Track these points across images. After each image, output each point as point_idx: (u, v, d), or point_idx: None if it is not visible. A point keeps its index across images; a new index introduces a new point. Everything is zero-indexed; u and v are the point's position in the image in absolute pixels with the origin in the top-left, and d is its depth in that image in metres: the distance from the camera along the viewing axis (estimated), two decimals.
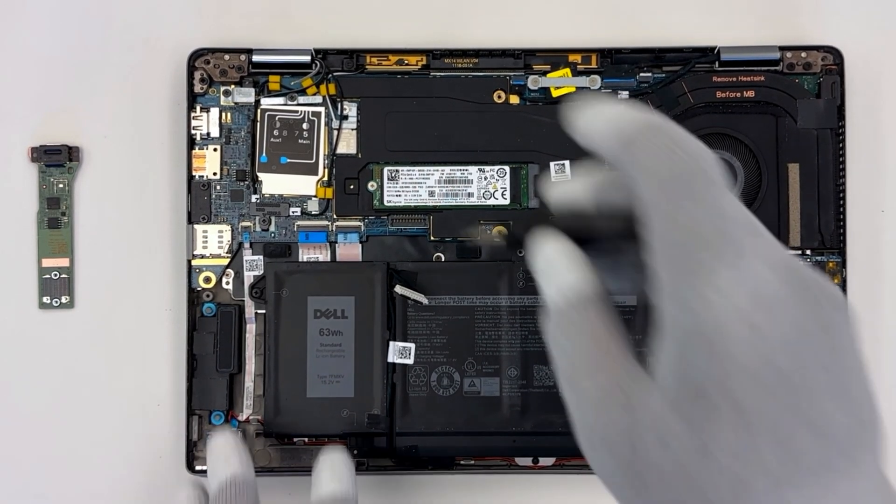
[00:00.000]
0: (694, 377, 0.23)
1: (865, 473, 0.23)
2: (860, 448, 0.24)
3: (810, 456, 0.23)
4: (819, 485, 0.23)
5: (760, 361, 0.23)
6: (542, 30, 0.44)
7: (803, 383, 0.23)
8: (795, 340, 0.23)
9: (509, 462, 0.42)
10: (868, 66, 0.44)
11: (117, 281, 0.43)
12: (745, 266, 0.23)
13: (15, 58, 0.44)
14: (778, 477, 0.22)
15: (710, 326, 0.23)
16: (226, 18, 0.44)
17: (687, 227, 0.23)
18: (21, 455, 0.43)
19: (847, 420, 0.24)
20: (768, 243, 0.24)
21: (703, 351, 0.23)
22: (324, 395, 0.41)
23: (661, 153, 0.25)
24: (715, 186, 0.24)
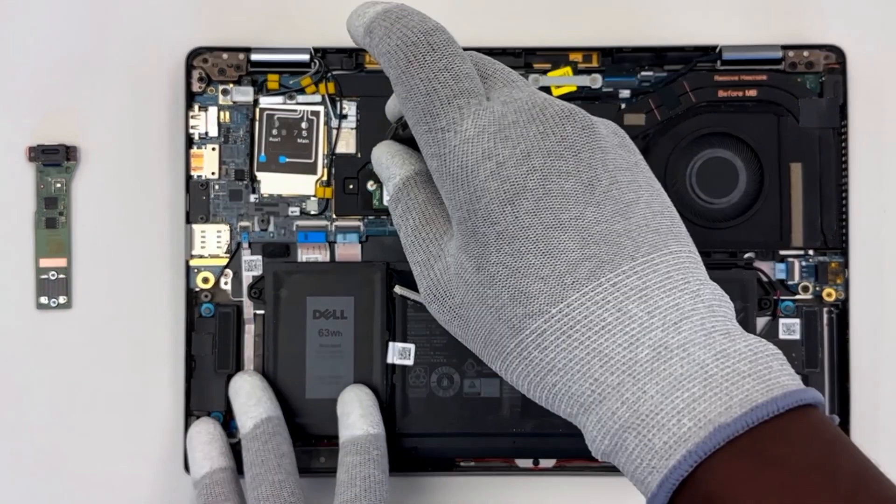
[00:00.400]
0: (462, 217, 0.27)
1: (641, 268, 0.26)
2: (633, 247, 0.26)
3: (572, 255, 0.26)
4: (593, 281, 0.26)
5: (503, 182, 0.26)
6: (543, 28, 0.44)
7: (549, 191, 0.26)
8: (529, 154, 0.27)
9: (509, 463, 0.42)
10: (871, 66, 0.44)
11: (115, 281, 0.43)
12: (482, 110, 0.27)
13: (12, 57, 0.44)
14: (552, 282, 0.26)
15: (456, 165, 0.27)
16: (224, 17, 0.44)
17: (420, 90, 0.28)
18: (18, 456, 0.43)
19: (607, 221, 0.26)
20: (514, 89, 0.29)
21: (459, 190, 0.27)
22: (323, 395, 0.41)
23: (386, 31, 0.29)
24: (437, 51, 0.28)
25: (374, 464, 0.39)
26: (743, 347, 0.25)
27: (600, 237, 0.26)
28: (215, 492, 0.39)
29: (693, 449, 0.23)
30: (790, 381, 0.25)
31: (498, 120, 0.28)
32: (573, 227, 0.26)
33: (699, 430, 0.23)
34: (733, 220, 0.42)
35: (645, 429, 0.24)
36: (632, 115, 0.42)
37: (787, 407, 0.24)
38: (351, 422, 0.40)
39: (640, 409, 0.24)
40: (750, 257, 0.42)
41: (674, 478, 0.24)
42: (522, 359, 0.27)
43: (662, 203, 0.28)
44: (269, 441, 0.39)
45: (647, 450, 0.24)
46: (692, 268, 0.27)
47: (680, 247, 0.27)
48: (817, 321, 0.42)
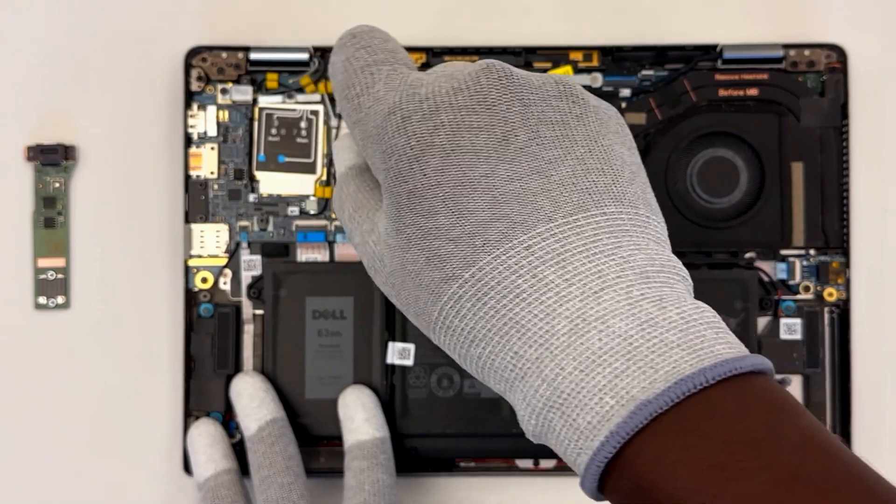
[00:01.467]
0: (381, 180, 0.27)
1: (560, 230, 0.24)
2: (552, 207, 0.24)
3: (482, 215, 0.24)
4: (505, 244, 0.24)
5: (409, 137, 0.25)
6: (543, 27, 0.44)
7: (457, 147, 0.25)
8: (438, 109, 0.26)
9: (510, 464, 0.42)
10: (872, 65, 0.43)
11: (114, 281, 0.43)
12: (395, 73, 0.27)
13: (10, 56, 0.43)
14: (463, 244, 0.24)
15: (371, 126, 0.27)
16: (223, 16, 0.44)
17: (339, 68, 0.29)
18: (16, 457, 0.43)
19: (521, 179, 0.25)
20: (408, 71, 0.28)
21: (375, 151, 0.27)
22: (323, 396, 0.41)
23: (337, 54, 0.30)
24: (357, 37, 0.29)
25: (382, 468, 0.39)
26: (674, 315, 0.23)
27: (513, 196, 0.24)
28: (221, 494, 0.39)
29: (615, 429, 0.22)
30: (725, 349, 0.23)
31: (412, 81, 0.27)
32: (483, 184, 0.24)
33: (621, 407, 0.22)
34: (734, 220, 0.42)
35: (568, 408, 0.23)
36: (632, 115, 0.42)
37: (718, 377, 0.22)
38: (355, 426, 0.39)
39: (560, 386, 0.23)
40: (751, 257, 0.42)
41: (598, 460, 0.22)
42: (446, 328, 0.25)
43: (606, 161, 0.26)
44: (276, 443, 0.39)
45: (572, 430, 0.23)
46: (632, 231, 0.25)
47: (619, 208, 0.25)
48: (818, 321, 0.42)
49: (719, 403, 0.22)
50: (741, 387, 0.22)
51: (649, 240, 0.25)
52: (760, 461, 0.20)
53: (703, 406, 0.21)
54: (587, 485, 0.23)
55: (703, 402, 0.22)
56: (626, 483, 0.22)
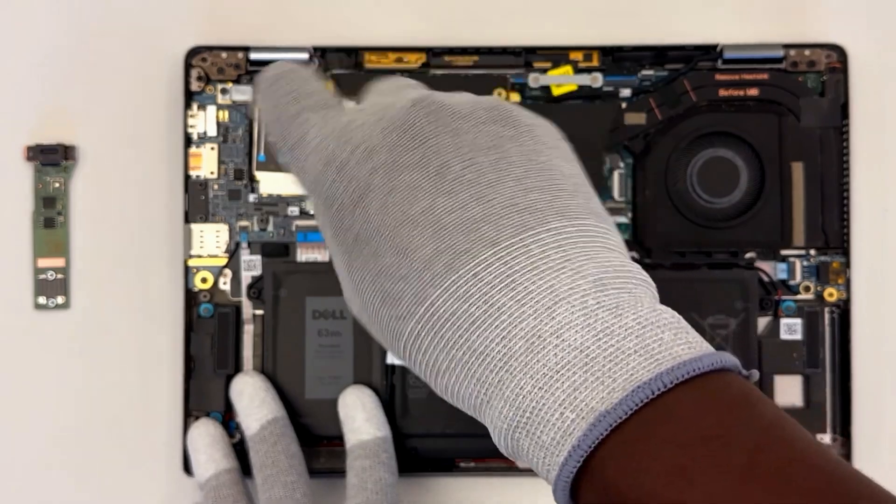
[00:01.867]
0: (330, 233, 0.27)
1: (505, 253, 0.24)
2: (494, 232, 0.24)
3: (427, 250, 0.24)
4: (452, 275, 0.24)
5: (348, 184, 0.26)
6: (543, 27, 0.44)
7: (395, 187, 0.25)
8: (372, 152, 0.26)
9: (510, 464, 0.42)
10: (872, 65, 0.43)
11: (113, 281, 0.43)
12: (328, 120, 0.28)
13: (10, 56, 0.43)
14: (412, 281, 0.24)
15: (310, 180, 0.27)
16: (223, 16, 0.44)
17: (271, 117, 0.29)
18: (16, 457, 0.43)
19: (462, 209, 0.25)
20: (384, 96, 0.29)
21: (318, 203, 0.27)
22: (323, 396, 0.41)
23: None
24: (282, 79, 0.29)
25: (384, 467, 0.39)
26: (630, 321, 0.23)
27: (454, 227, 0.24)
28: (223, 493, 0.39)
29: (577, 443, 0.22)
30: (684, 350, 0.22)
31: (343, 126, 0.27)
32: (423, 220, 0.25)
33: (581, 420, 0.22)
34: (734, 220, 0.42)
35: (532, 426, 0.23)
36: (632, 115, 0.42)
37: (676, 380, 0.21)
38: (357, 426, 0.39)
39: (522, 405, 0.23)
40: (751, 257, 0.42)
41: (565, 475, 0.22)
42: (415, 364, 0.26)
43: (545, 178, 0.26)
44: (278, 442, 0.39)
45: (538, 447, 0.23)
46: (581, 243, 0.25)
47: (564, 223, 0.25)
48: (819, 321, 0.42)
49: (677, 406, 0.21)
50: (701, 386, 0.22)
51: (601, 248, 0.25)
52: (717, 460, 0.20)
53: (661, 411, 0.21)
54: (559, 499, 0.23)
55: (661, 407, 0.21)
56: (596, 495, 0.22)
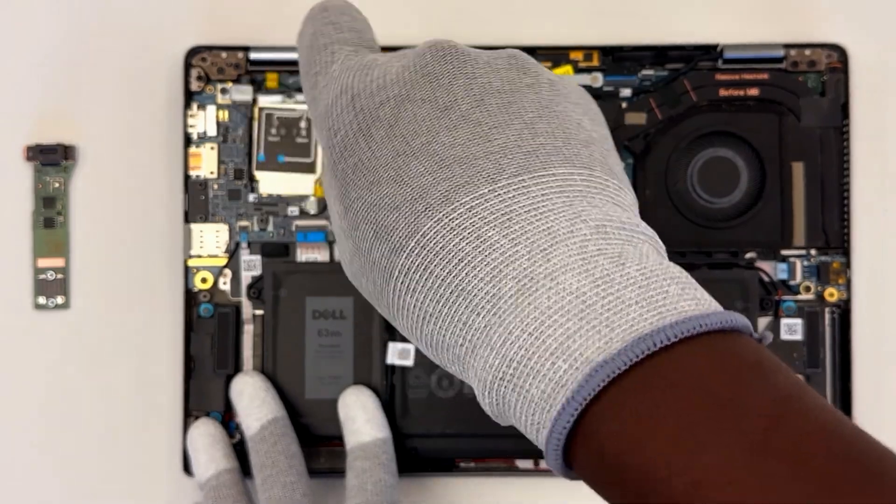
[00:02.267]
0: (328, 159, 0.26)
1: (504, 191, 0.23)
2: (495, 169, 0.24)
3: (424, 180, 0.24)
4: (447, 206, 0.23)
5: (357, 113, 0.25)
6: (543, 27, 0.44)
7: (400, 118, 0.25)
8: (385, 86, 0.26)
9: (510, 464, 0.42)
10: (873, 65, 0.43)
11: (113, 281, 0.43)
12: (354, 55, 0.28)
13: (9, 56, 0.43)
14: (405, 210, 0.24)
15: (322, 105, 0.27)
16: (223, 15, 0.44)
17: (305, 43, 0.29)
18: (16, 457, 0.43)
19: (464, 144, 0.24)
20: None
21: (323, 129, 0.27)
22: (323, 396, 0.41)
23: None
24: (327, 10, 0.29)
25: (384, 468, 0.39)
26: (633, 271, 0.21)
27: (454, 160, 0.24)
28: (223, 494, 0.39)
29: (571, 396, 0.20)
30: (691, 306, 0.21)
31: (366, 62, 0.27)
32: (424, 151, 0.24)
33: (575, 371, 0.20)
34: (734, 220, 0.42)
35: (519, 378, 0.21)
36: (633, 115, 0.42)
37: (681, 335, 0.20)
38: (357, 427, 0.39)
39: (509, 354, 0.21)
40: (751, 257, 0.42)
41: (558, 432, 0.20)
42: (400, 309, 0.24)
43: (557, 125, 0.25)
44: (278, 442, 0.39)
45: (526, 402, 0.21)
46: (587, 192, 0.23)
47: (570, 169, 0.24)
48: (819, 321, 0.42)
49: (684, 364, 0.20)
50: (710, 345, 0.20)
51: (607, 201, 0.24)
52: (730, 426, 0.19)
53: (666, 367, 0.20)
54: (552, 462, 0.22)
55: (667, 362, 0.20)
56: (591, 457, 0.21)
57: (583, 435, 0.20)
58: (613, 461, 0.20)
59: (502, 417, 0.23)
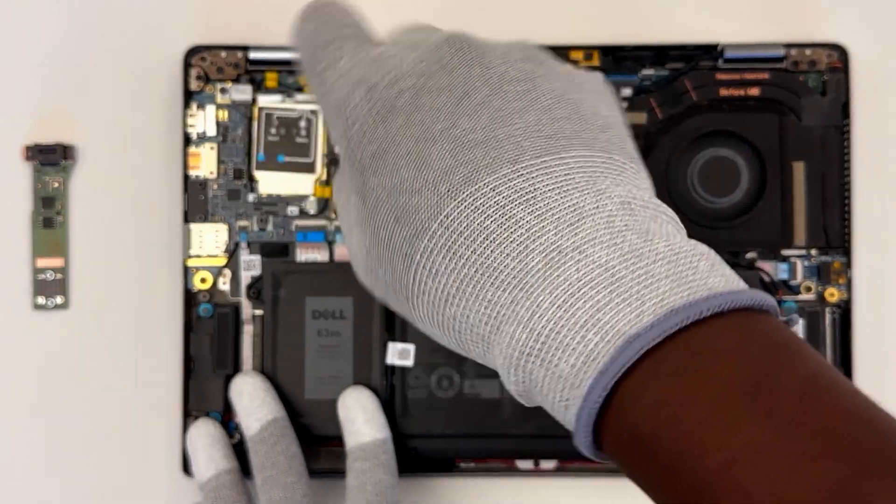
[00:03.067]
0: (343, 152, 0.26)
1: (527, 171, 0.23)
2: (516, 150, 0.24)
3: (445, 163, 0.24)
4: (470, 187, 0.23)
5: (373, 103, 0.26)
6: (544, 27, 0.44)
7: (419, 107, 0.25)
8: (401, 77, 0.26)
9: (510, 465, 0.42)
10: (874, 64, 0.43)
11: (113, 281, 0.43)
12: (361, 49, 0.27)
13: (8, 56, 0.43)
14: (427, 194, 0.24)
15: (334, 99, 0.27)
16: (222, 15, 0.44)
17: (306, 42, 0.29)
18: (16, 457, 0.43)
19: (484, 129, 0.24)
20: (420, 34, 0.29)
21: (338, 123, 0.27)
22: (322, 396, 0.41)
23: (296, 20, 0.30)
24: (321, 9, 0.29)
25: (384, 469, 0.38)
26: (661, 247, 0.21)
27: (476, 144, 0.24)
28: (223, 494, 0.39)
29: (603, 369, 0.20)
30: (720, 282, 0.21)
31: (375, 55, 0.27)
32: (445, 137, 0.24)
33: (607, 344, 0.20)
34: (735, 220, 0.42)
35: (547, 352, 0.21)
36: (633, 114, 0.42)
37: (713, 310, 0.20)
38: (357, 428, 0.39)
39: (537, 327, 0.21)
40: (752, 257, 0.42)
41: (589, 408, 0.20)
42: (420, 294, 0.24)
43: (574, 111, 0.25)
44: (278, 443, 0.39)
45: (554, 378, 0.21)
46: (608, 173, 0.23)
47: (591, 152, 0.24)
48: (820, 321, 0.42)
49: (716, 340, 0.20)
50: (739, 323, 0.20)
51: (627, 182, 0.24)
52: (763, 405, 0.19)
53: (698, 342, 0.20)
54: (581, 441, 0.21)
55: (699, 337, 0.20)
56: (623, 436, 0.20)
57: (614, 410, 0.20)
58: (647, 438, 0.20)
59: (528, 396, 0.23)
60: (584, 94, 0.26)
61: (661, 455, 0.19)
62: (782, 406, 0.19)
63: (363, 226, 0.26)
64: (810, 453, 0.18)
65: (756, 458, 0.18)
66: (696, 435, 0.19)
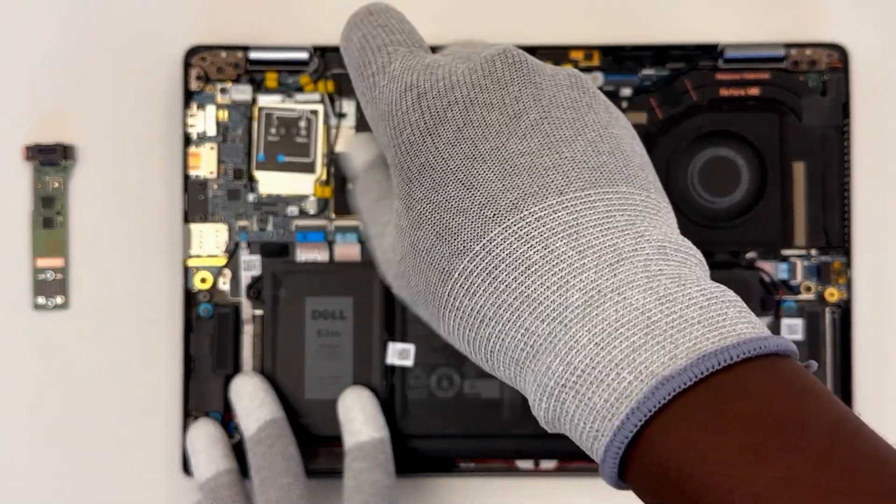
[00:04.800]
0: (391, 158, 0.27)
1: (572, 204, 0.24)
2: (563, 181, 0.24)
3: (493, 186, 0.24)
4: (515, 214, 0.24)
5: (423, 112, 0.26)
6: (543, 27, 0.44)
7: (469, 121, 0.25)
8: (453, 87, 0.26)
9: (510, 465, 0.42)
10: (874, 64, 0.43)
11: (113, 281, 0.43)
12: (412, 55, 0.27)
13: (8, 56, 0.43)
14: (472, 215, 0.24)
15: (384, 104, 0.27)
16: (222, 15, 0.44)
17: (355, 45, 0.29)
18: (16, 457, 0.43)
19: (533, 154, 0.25)
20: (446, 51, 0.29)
21: (387, 128, 0.27)
22: (322, 396, 0.41)
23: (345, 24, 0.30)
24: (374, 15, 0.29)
25: (381, 469, 0.38)
26: (694, 292, 0.22)
27: (524, 169, 0.24)
28: (222, 495, 0.39)
29: (636, 406, 0.21)
30: (748, 329, 0.22)
31: (428, 62, 0.27)
32: (494, 157, 0.24)
33: (640, 383, 0.21)
34: (735, 220, 0.42)
35: (582, 385, 0.22)
36: (633, 114, 0.42)
37: (742, 356, 0.21)
38: (355, 427, 0.39)
39: (574, 361, 0.22)
40: (752, 257, 0.42)
41: (618, 441, 0.21)
42: (455, 310, 0.25)
43: (615, 145, 0.26)
44: (276, 444, 0.39)
45: (587, 410, 0.22)
46: (646, 213, 0.25)
47: (632, 189, 0.25)
48: (820, 321, 0.42)
49: (747, 383, 0.21)
50: (767, 367, 0.21)
51: (662, 222, 0.25)
52: (792, 443, 0.20)
53: (729, 385, 0.21)
54: (607, 471, 0.22)
55: (730, 380, 0.21)
56: (650, 468, 0.21)
57: (643, 445, 0.21)
58: (675, 472, 0.21)
59: (554, 424, 0.24)
60: (622, 129, 0.27)
61: (688, 488, 0.20)
62: (812, 445, 0.20)
63: (403, 232, 0.26)
64: (839, 490, 0.19)
65: (786, 493, 0.19)
66: (726, 470, 0.20)
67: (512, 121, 0.25)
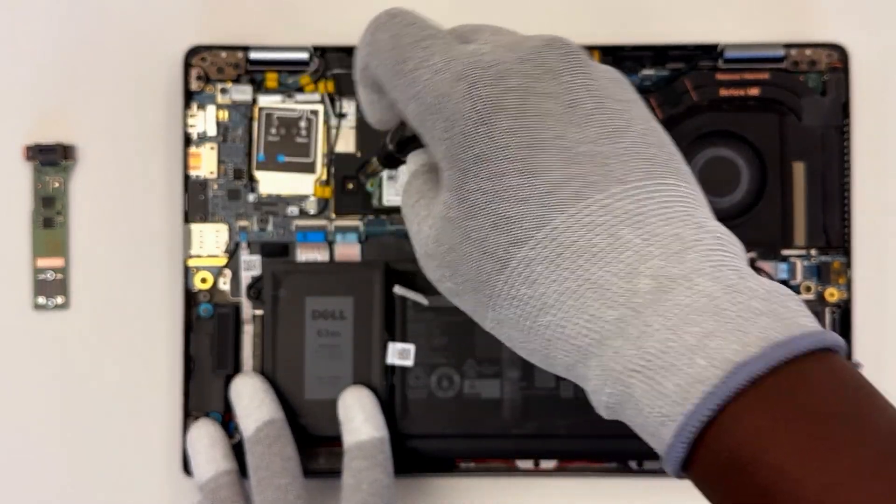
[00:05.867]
0: (443, 152, 0.26)
1: (634, 193, 0.24)
2: (623, 171, 0.24)
3: (554, 174, 0.24)
4: (580, 202, 0.24)
5: (476, 101, 0.25)
6: (543, 27, 0.44)
7: (526, 110, 0.25)
8: (505, 76, 0.25)
9: (510, 465, 0.42)
10: (873, 64, 0.43)
11: (113, 281, 0.43)
12: (450, 47, 0.27)
13: (9, 56, 0.43)
14: (534, 204, 0.24)
15: (431, 98, 0.26)
16: (223, 15, 0.44)
17: (386, 45, 0.28)
18: (16, 457, 0.43)
19: (592, 142, 0.24)
20: (500, 35, 0.29)
21: (437, 122, 0.26)
22: (322, 396, 0.41)
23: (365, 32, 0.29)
24: (398, 16, 0.28)
25: (381, 468, 0.38)
26: (755, 285, 0.23)
27: (585, 157, 0.24)
28: (221, 495, 0.39)
29: (712, 390, 0.21)
30: (809, 322, 0.22)
31: (470, 52, 0.27)
32: (554, 145, 0.24)
33: (715, 369, 0.21)
34: (736, 220, 0.42)
35: (652, 370, 0.22)
36: None
37: (808, 348, 0.21)
38: (355, 426, 0.39)
39: (645, 345, 0.22)
40: (752, 257, 0.42)
41: (692, 425, 0.21)
42: (512, 299, 0.24)
43: (660, 138, 0.26)
44: (274, 444, 0.39)
45: (656, 395, 0.22)
46: (695, 204, 0.25)
47: (679, 181, 0.25)
48: (820, 321, 0.42)
49: (812, 375, 0.21)
50: (828, 361, 0.22)
51: (710, 213, 0.25)
52: (857, 436, 0.20)
53: (798, 376, 0.21)
54: (672, 457, 0.22)
55: (798, 371, 0.21)
56: (721, 455, 0.21)
57: (715, 431, 0.21)
58: (746, 459, 0.21)
59: (615, 410, 0.24)
60: (659, 125, 0.27)
61: (759, 476, 0.21)
62: (878, 438, 0.20)
63: (453, 223, 0.26)
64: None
65: (858, 483, 0.20)
66: (797, 458, 0.20)
67: (569, 109, 0.25)
